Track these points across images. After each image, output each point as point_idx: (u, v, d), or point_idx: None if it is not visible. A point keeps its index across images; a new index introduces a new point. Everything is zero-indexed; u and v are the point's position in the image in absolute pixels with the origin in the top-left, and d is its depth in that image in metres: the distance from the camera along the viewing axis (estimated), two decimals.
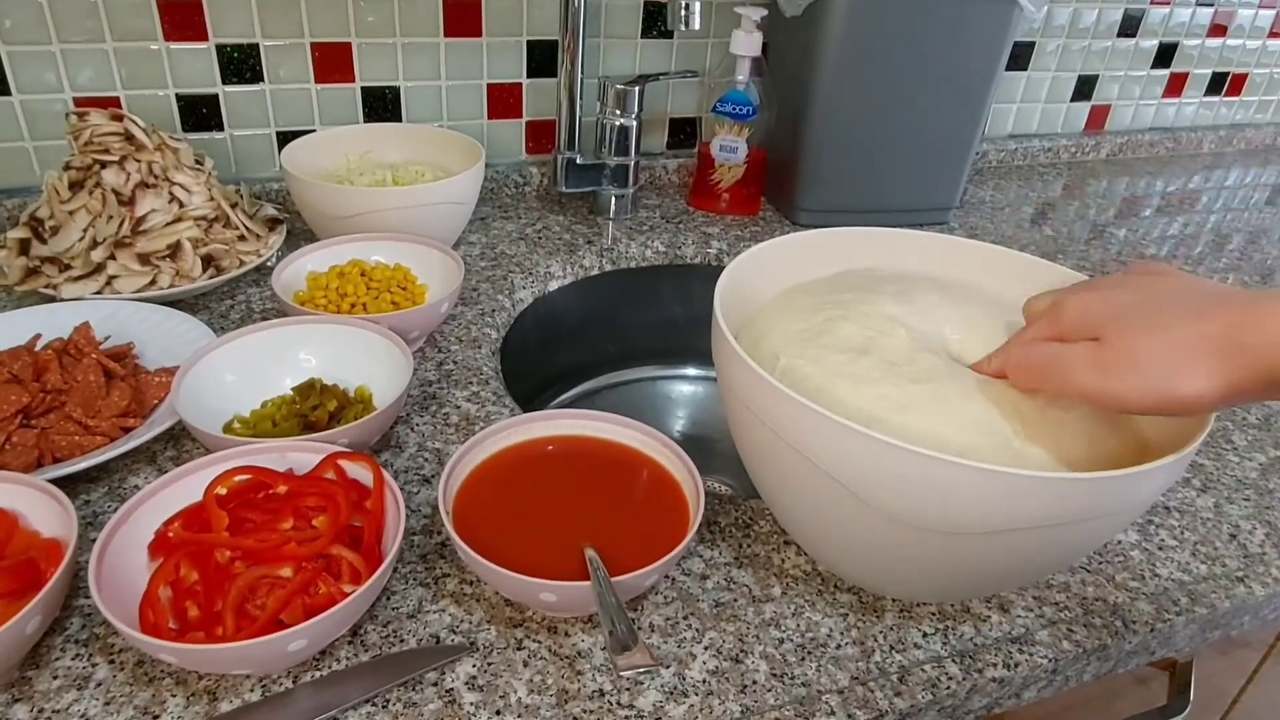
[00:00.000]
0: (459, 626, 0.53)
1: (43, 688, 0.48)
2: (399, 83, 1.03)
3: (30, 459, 0.59)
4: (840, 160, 1.04)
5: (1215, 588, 0.61)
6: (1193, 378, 0.39)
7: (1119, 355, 0.41)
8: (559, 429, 0.62)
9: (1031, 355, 0.46)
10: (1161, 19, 1.39)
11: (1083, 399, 0.43)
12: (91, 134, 0.80)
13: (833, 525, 0.51)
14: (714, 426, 1.11)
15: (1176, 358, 0.39)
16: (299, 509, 0.53)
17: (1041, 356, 0.46)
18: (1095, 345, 0.42)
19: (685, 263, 1.05)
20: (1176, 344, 0.40)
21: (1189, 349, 0.39)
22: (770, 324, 0.58)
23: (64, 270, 0.78)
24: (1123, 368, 0.41)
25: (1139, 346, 0.41)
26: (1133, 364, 0.41)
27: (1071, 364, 0.43)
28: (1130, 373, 0.41)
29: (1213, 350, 0.39)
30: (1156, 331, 0.40)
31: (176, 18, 0.91)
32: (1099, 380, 0.42)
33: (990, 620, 0.57)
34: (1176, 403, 0.40)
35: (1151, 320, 0.41)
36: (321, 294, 0.77)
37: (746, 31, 0.99)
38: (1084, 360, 0.43)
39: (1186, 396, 0.39)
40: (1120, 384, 0.41)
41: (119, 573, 0.49)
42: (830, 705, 0.50)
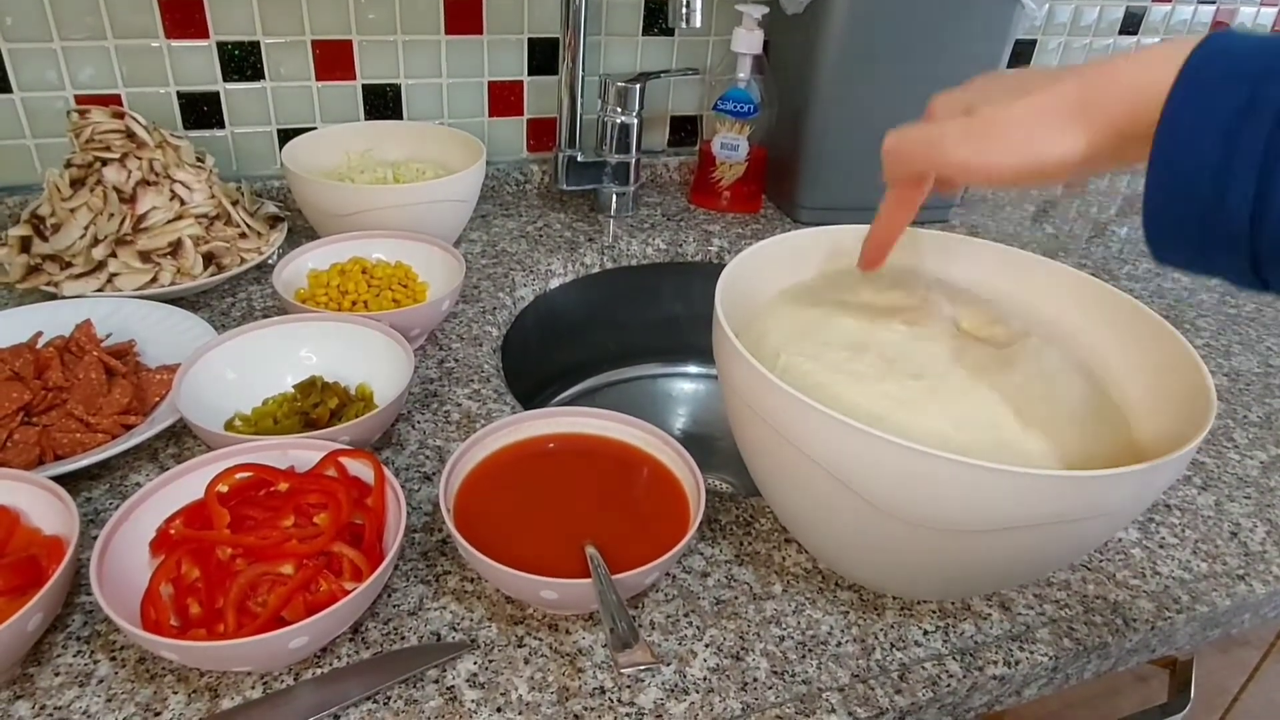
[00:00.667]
0: (460, 624, 0.53)
1: (44, 684, 0.48)
2: (400, 80, 1.03)
3: (32, 456, 0.59)
4: (841, 158, 1.04)
5: (1216, 586, 0.61)
6: (1056, 138, 0.40)
7: (986, 123, 0.42)
8: (560, 427, 0.62)
9: (905, 138, 0.47)
10: (1163, 16, 1.39)
11: (958, 171, 0.44)
12: (93, 131, 0.80)
13: (833, 523, 0.51)
14: (715, 424, 1.11)
15: (1038, 120, 0.40)
16: (300, 506, 0.53)
17: (914, 137, 0.46)
18: (963, 120, 0.43)
19: (686, 260, 1.05)
20: (1037, 108, 0.40)
21: (1049, 111, 0.40)
22: (771, 321, 0.58)
23: (65, 268, 0.78)
24: (990, 135, 0.42)
25: (1003, 114, 0.41)
26: (1000, 130, 0.41)
27: (944, 139, 0.44)
28: (998, 139, 0.41)
29: (1071, 110, 0.39)
30: (1019, 98, 0.41)
31: (177, 15, 0.91)
32: (971, 150, 0.42)
33: (991, 618, 0.57)
34: (1043, 165, 0.41)
35: (1014, 90, 0.42)
36: (322, 292, 0.77)
37: (748, 29, 0.99)
38: (955, 133, 0.43)
39: (1051, 157, 0.40)
40: (990, 152, 0.42)
41: (120, 570, 0.49)
42: (831, 703, 0.50)
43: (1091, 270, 1.05)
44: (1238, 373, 0.86)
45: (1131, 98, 0.37)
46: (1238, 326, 0.95)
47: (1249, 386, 0.84)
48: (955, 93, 0.46)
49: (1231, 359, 0.89)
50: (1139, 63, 0.37)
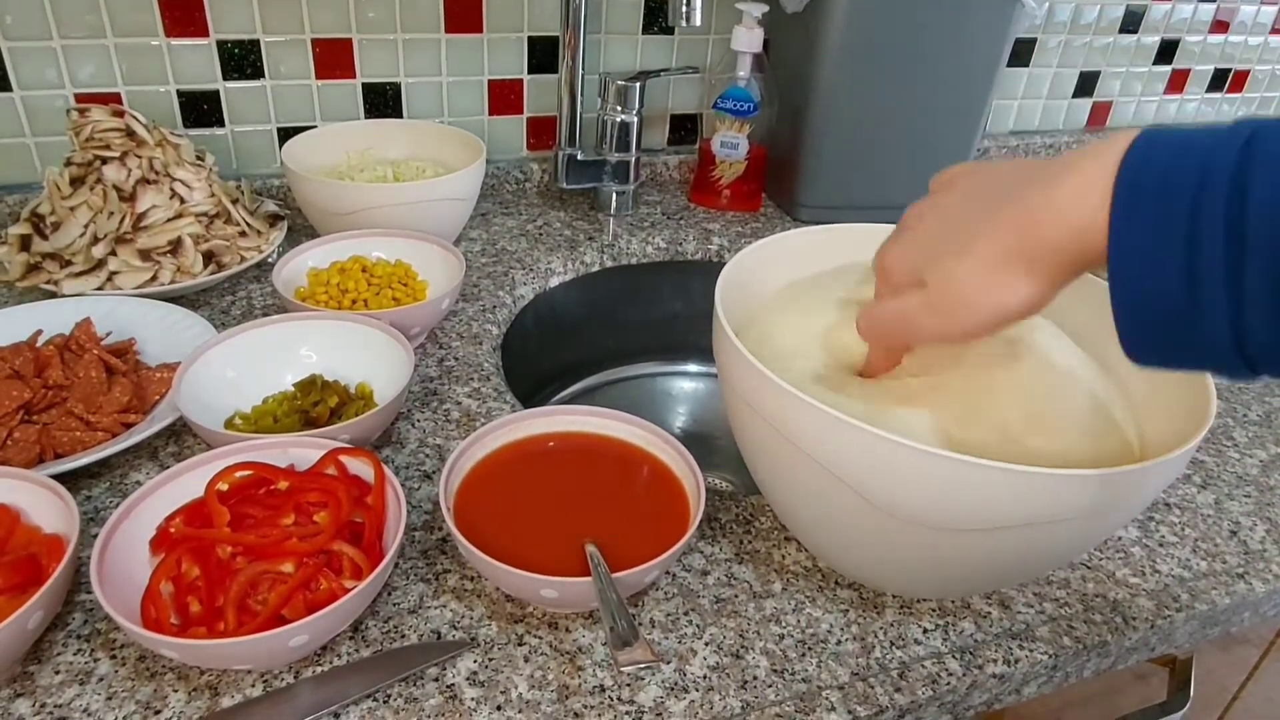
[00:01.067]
0: (460, 622, 0.53)
1: (45, 683, 0.48)
2: (400, 79, 1.03)
3: (32, 455, 0.59)
4: (841, 157, 1.04)
5: (1215, 584, 0.61)
6: (1012, 290, 0.39)
7: (943, 296, 0.42)
8: (560, 425, 0.62)
9: (876, 319, 0.47)
10: (1163, 15, 1.38)
11: (935, 340, 0.44)
12: (92, 130, 0.80)
13: (833, 521, 0.51)
14: (715, 423, 1.11)
15: (988, 278, 0.40)
16: (300, 505, 0.54)
17: (886, 318, 0.46)
18: (922, 293, 0.43)
19: (686, 259, 1.05)
20: (983, 265, 0.40)
21: (994, 266, 0.39)
22: (770, 320, 0.58)
23: (65, 266, 0.78)
24: (951, 306, 0.42)
25: (955, 281, 0.41)
26: (958, 299, 0.41)
27: (911, 317, 0.44)
28: (957, 305, 0.41)
29: (1015, 260, 0.39)
30: (963, 259, 0.41)
31: (177, 13, 0.91)
32: (940, 324, 0.43)
33: (990, 616, 0.57)
34: (1011, 316, 0.41)
35: (955, 247, 0.41)
36: (322, 290, 0.77)
37: (748, 28, 0.99)
38: (918, 310, 0.43)
39: (1017, 308, 0.40)
40: (958, 321, 0.42)
41: (121, 568, 0.49)
42: (831, 701, 0.50)
43: None
44: None
45: (1072, 238, 0.37)
46: None
47: (1249, 385, 0.84)
48: (896, 247, 0.46)
49: None
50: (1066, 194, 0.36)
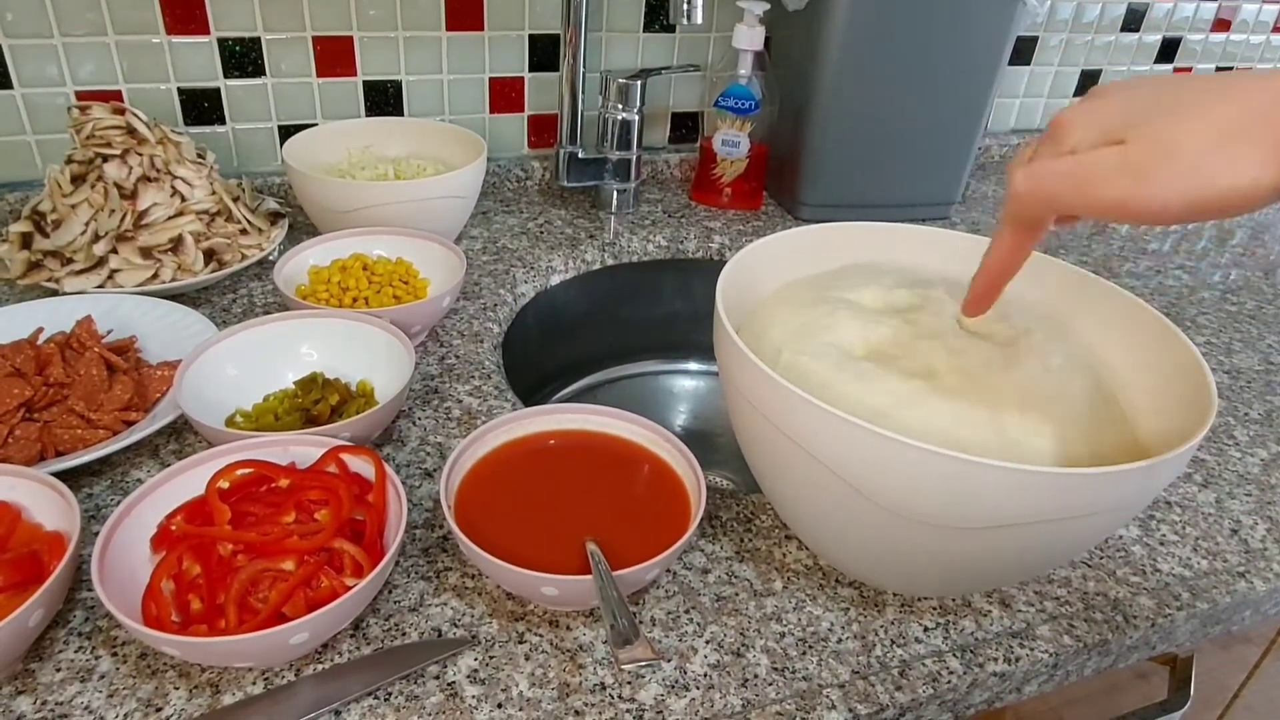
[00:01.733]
0: (460, 620, 0.53)
1: (46, 680, 0.48)
2: (400, 77, 1.03)
3: (33, 452, 0.59)
4: (842, 155, 1.04)
5: (1216, 583, 0.61)
6: (1242, 166, 0.33)
7: (1152, 153, 0.35)
8: (561, 423, 0.62)
9: (1042, 175, 0.39)
10: (1165, 14, 1.38)
11: (1113, 211, 0.37)
12: (93, 128, 0.80)
13: (834, 520, 0.51)
14: (716, 421, 1.11)
15: (1219, 147, 0.33)
16: (301, 503, 0.54)
17: (1056, 173, 0.38)
18: (1121, 148, 0.36)
19: (687, 257, 1.05)
20: (1215, 126, 0.33)
21: (1230, 130, 0.33)
22: (772, 318, 0.58)
23: (66, 264, 0.78)
24: (1159, 164, 0.34)
25: (1169, 136, 0.34)
26: (1170, 157, 0.34)
27: (1095, 172, 0.36)
28: (1164, 169, 0.34)
29: (1258, 127, 0.33)
30: (1191, 117, 0.34)
31: (178, 11, 0.91)
32: (1133, 185, 0.35)
33: (991, 615, 0.57)
34: (1222, 198, 0.34)
35: (1181, 106, 0.34)
36: (323, 288, 0.77)
37: (749, 26, 0.99)
38: (1111, 165, 0.36)
39: (1233, 188, 0.33)
40: (1155, 185, 0.35)
41: (122, 566, 0.49)
42: (831, 699, 0.50)
43: (1092, 267, 1.05)
44: (1239, 370, 0.86)
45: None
46: (1238, 324, 0.95)
47: (1250, 384, 0.84)
48: (1090, 108, 0.39)
49: (1232, 356, 0.89)
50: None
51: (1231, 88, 0.34)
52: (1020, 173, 0.40)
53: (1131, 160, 0.35)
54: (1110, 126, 0.37)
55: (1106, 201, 0.36)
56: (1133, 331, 0.57)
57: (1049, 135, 0.40)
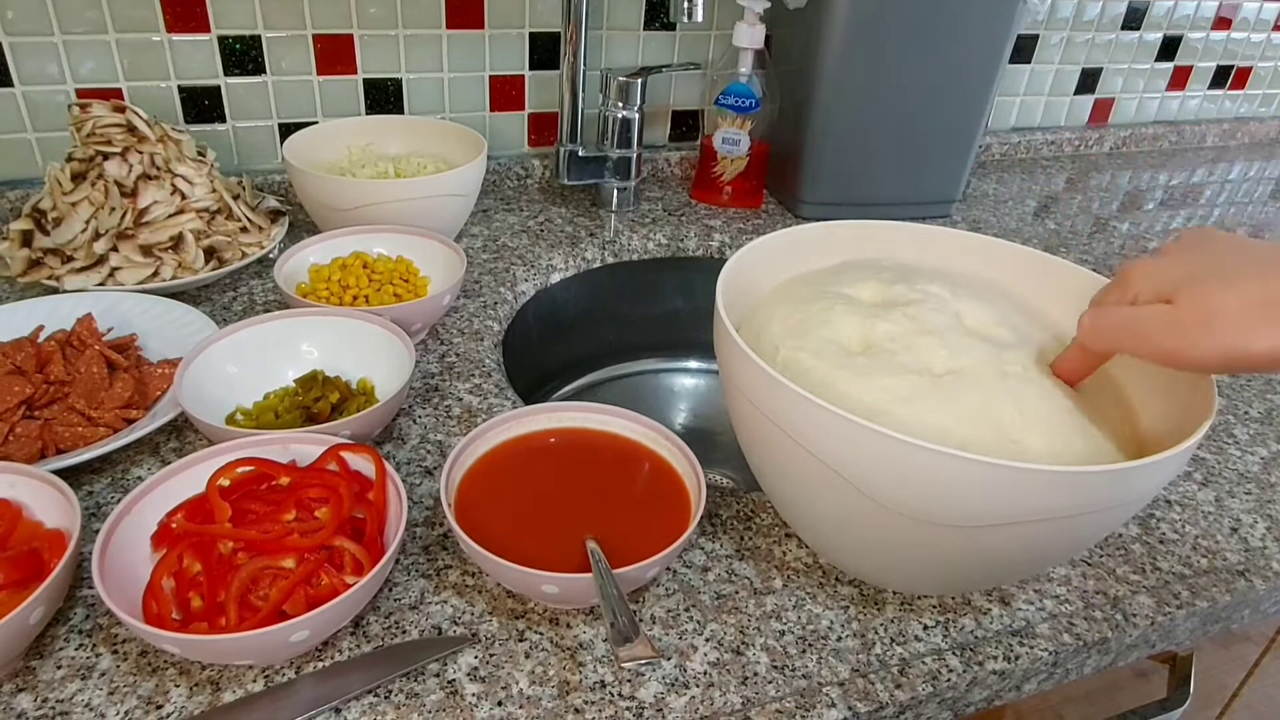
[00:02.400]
0: (461, 618, 0.53)
1: (46, 677, 0.48)
2: (401, 75, 1.03)
3: (33, 450, 0.59)
4: (843, 153, 1.04)
5: (1216, 581, 0.61)
6: (1265, 335, 0.39)
7: (1195, 315, 0.41)
8: (561, 421, 0.62)
9: (1108, 318, 0.46)
10: (1166, 12, 1.38)
11: (1160, 359, 0.43)
12: (94, 126, 0.80)
13: (834, 518, 0.51)
14: (716, 419, 1.11)
15: (1248, 316, 0.40)
16: (301, 500, 0.54)
17: (1118, 320, 0.46)
18: (1170, 307, 0.42)
19: (687, 255, 1.05)
20: (1250, 301, 0.40)
21: (1261, 305, 0.39)
22: (771, 316, 0.58)
23: (66, 262, 0.78)
24: (1198, 327, 0.41)
25: (1213, 305, 0.41)
26: (1208, 323, 0.41)
27: (1148, 325, 0.43)
28: (1206, 332, 0.41)
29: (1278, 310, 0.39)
30: (1229, 289, 0.40)
31: (178, 9, 0.91)
32: (1176, 341, 0.42)
33: (991, 613, 0.57)
34: (1249, 360, 0.40)
35: (1224, 278, 0.41)
36: (324, 286, 0.77)
37: (749, 24, 0.99)
38: (1160, 321, 0.43)
39: (1260, 354, 0.39)
40: (1196, 344, 0.41)
41: (122, 563, 0.49)
42: (831, 697, 0.50)
43: (1093, 266, 1.05)
44: None
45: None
46: None
47: (1250, 382, 0.84)
48: (1152, 265, 0.45)
49: None
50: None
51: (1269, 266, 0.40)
52: (1088, 317, 0.48)
53: (1176, 319, 0.42)
54: (1165, 284, 0.43)
55: (1155, 352, 0.43)
56: None
57: (1117, 281, 0.47)
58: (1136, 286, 0.45)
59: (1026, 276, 0.63)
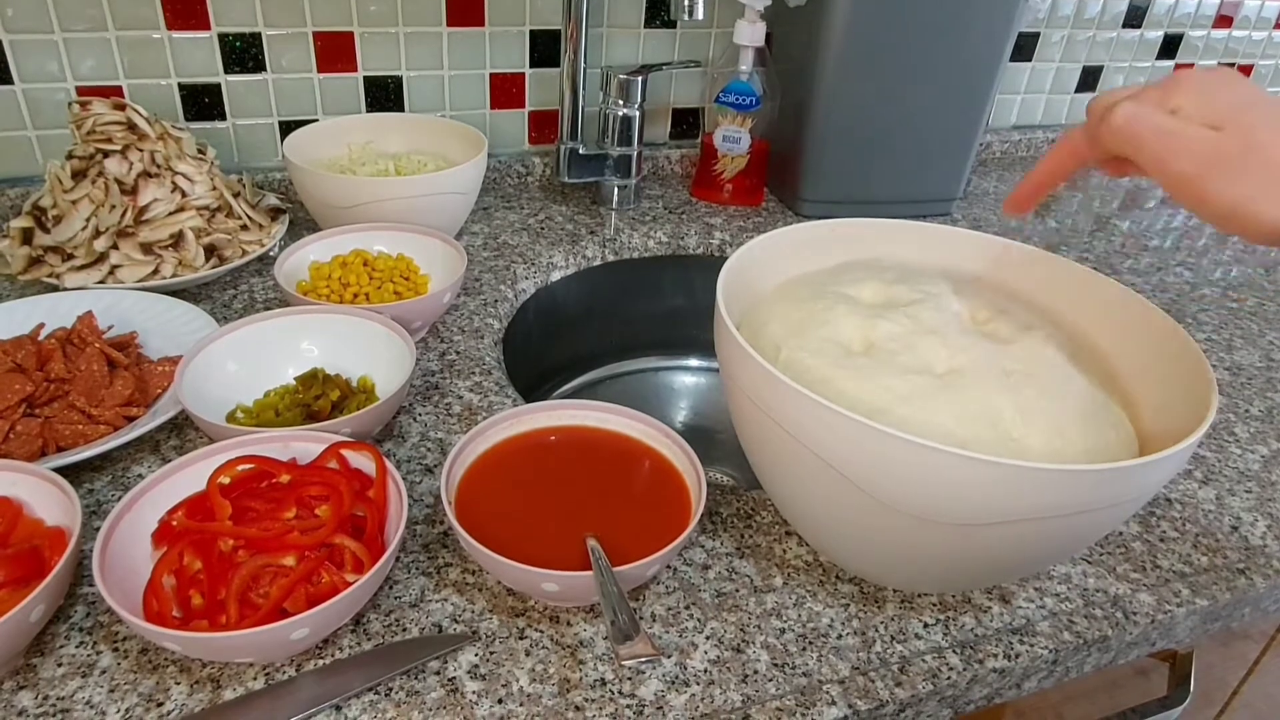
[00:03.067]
0: (461, 616, 0.53)
1: (47, 675, 0.48)
2: (401, 72, 1.03)
3: (34, 448, 0.59)
4: (843, 151, 1.04)
5: (1216, 579, 0.61)
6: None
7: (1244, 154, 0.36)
8: (561, 419, 0.62)
9: (1144, 120, 0.40)
10: (1167, 10, 1.38)
11: (1176, 184, 0.39)
12: (94, 123, 0.80)
13: (834, 516, 0.51)
14: (716, 417, 1.11)
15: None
16: (302, 498, 0.54)
17: (1155, 124, 0.39)
18: (1216, 135, 0.38)
19: (688, 253, 1.05)
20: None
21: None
22: (772, 314, 0.58)
23: (67, 260, 0.78)
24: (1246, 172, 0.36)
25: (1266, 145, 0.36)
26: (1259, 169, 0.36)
27: (1184, 143, 0.38)
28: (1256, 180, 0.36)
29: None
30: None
31: (178, 6, 0.91)
32: (1220, 183, 0.37)
33: (991, 611, 0.57)
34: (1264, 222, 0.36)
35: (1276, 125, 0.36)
36: (324, 284, 0.77)
37: (750, 21, 0.99)
38: (1205, 150, 0.38)
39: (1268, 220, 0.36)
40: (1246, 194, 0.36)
41: (123, 561, 0.49)
42: (831, 695, 0.50)
43: (1093, 264, 1.05)
44: (1239, 367, 0.86)
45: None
46: (1240, 321, 0.95)
47: (1250, 381, 0.84)
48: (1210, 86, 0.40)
49: (1233, 353, 0.89)
50: None
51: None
52: (1126, 107, 0.41)
53: (1222, 149, 0.37)
54: (1218, 111, 0.38)
55: (1176, 172, 0.38)
56: (1134, 328, 0.57)
57: (1164, 84, 0.41)
58: (1184, 99, 0.40)
59: (1027, 275, 0.63)
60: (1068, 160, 0.47)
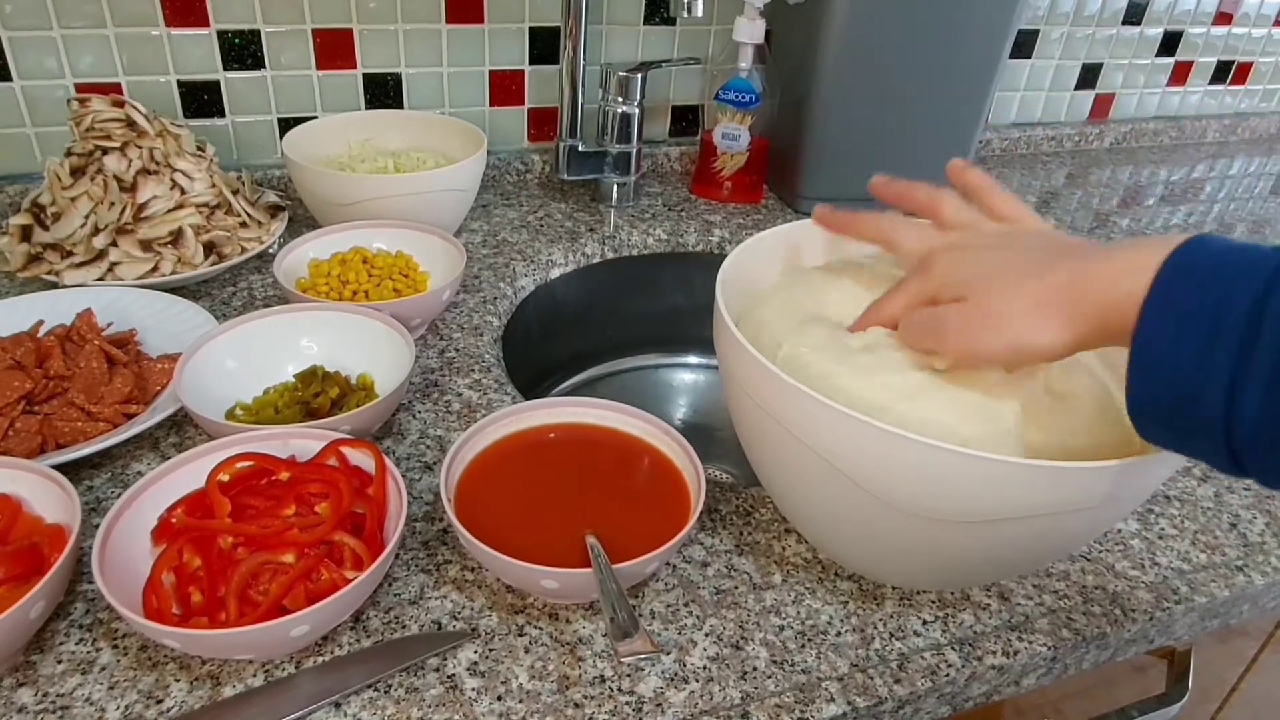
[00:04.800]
0: (460, 613, 0.53)
1: (47, 672, 0.48)
2: (401, 69, 1.03)
3: (33, 445, 0.59)
4: (843, 148, 1.04)
5: (1214, 577, 0.61)
6: (1043, 331, 0.43)
7: (979, 317, 0.45)
8: (561, 416, 0.62)
9: (913, 321, 0.50)
10: (1167, 7, 1.38)
11: (957, 357, 0.47)
12: (93, 120, 0.80)
13: (834, 513, 0.51)
14: (715, 415, 1.11)
15: (1027, 315, 0.43)
16: (301, 495, 0.54)
17: (921, 323, 0.49)
18: (960, 307, 0.46)
19: (687, 251, 1.05)
20: (1027, 302, 0.43)
21: (1037, 305, 0.43)
22: (771, 312, 0.58)
23: (66, 257, 0.78)
24: (983, 328, 0.45)
25: (995, 307, 0.44)
26: (991, 324, 0.44)
27: (944, 328, 0.47)
28: (990, 332, 0.44)
29: (1058, 304, 0.42)
30: (1009, 290, 0.44)
31: (177, 3, 0.91)
32: (967, 342, 0.45)
33: (990, 608, 0.57)
34: (1031, 354, 0.44)
35: (1006, 279, 0.45)
36: (323, 281, 0.77)
37: (749, 18, 0.99)
38: (953, 323, 0.46)
39: (1040, 347, 0.43)
40: (984, 343, 0.45)
41: (122, 558, 0.49)
42: (830, 692, 0.50)
43: None
44: None
45: (1113, 304, 0.40)
46: None
47: None
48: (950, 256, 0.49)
49: None
50: (1120, 266, 0.40)
51: (1047, 270, 0.43)
52: (901, 327, 0.51)
53: (967, 322, 0.45)
54: (963, 281, 0.47)
55: (951, 350, 0.47)
56: None
57: (921, 269, 0.50)
58: (936, 281, 0.49)
59: None
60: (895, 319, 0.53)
